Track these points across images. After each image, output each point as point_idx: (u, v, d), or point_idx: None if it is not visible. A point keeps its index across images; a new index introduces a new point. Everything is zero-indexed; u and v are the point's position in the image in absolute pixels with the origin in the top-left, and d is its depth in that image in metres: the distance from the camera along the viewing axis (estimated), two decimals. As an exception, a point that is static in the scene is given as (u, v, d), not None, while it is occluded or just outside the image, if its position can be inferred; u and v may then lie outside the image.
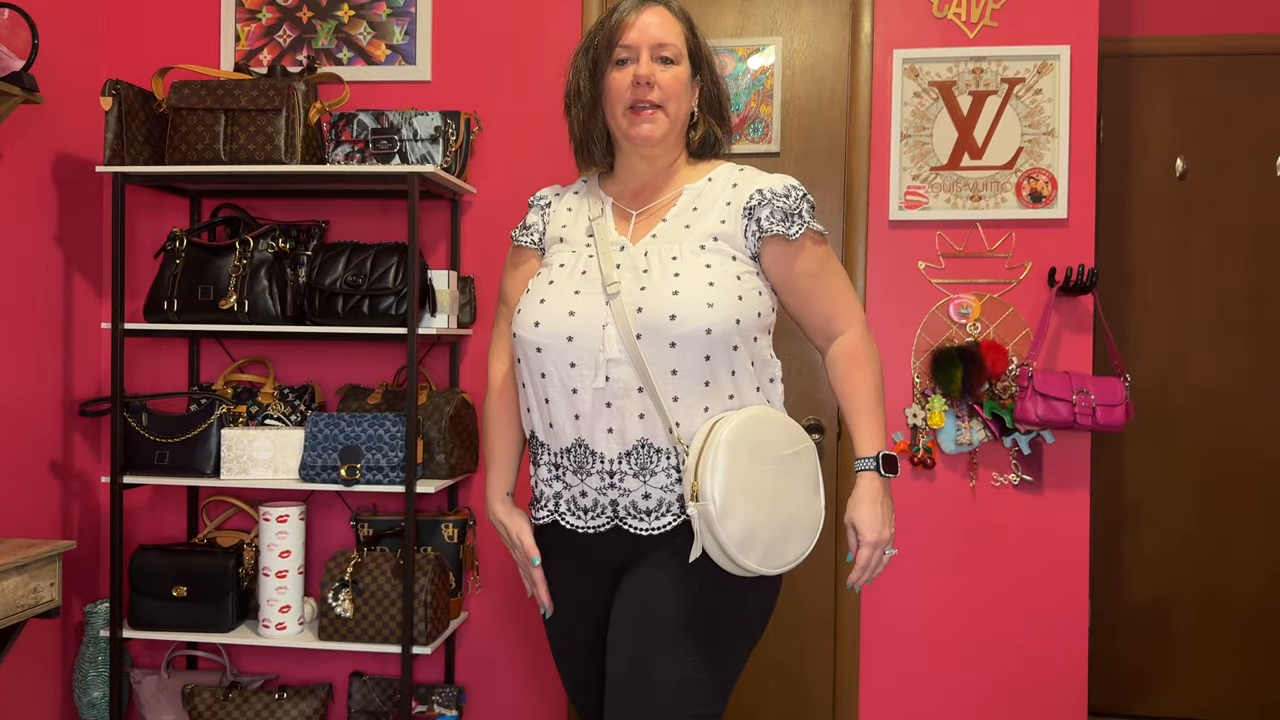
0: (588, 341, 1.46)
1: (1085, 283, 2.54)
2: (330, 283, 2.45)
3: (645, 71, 1.51)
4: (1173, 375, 3.15)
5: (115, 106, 2.41)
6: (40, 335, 2.61)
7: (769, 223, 1.52)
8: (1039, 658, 2.63)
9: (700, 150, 1.62)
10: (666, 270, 1.48)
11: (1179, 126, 3.13)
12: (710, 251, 1.51)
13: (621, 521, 1.51)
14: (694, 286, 1.45)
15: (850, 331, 1.59)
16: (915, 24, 2.64)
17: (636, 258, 1.51)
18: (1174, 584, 3.17)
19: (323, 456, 2.43)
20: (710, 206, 1.55)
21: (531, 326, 1.51)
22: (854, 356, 1.58)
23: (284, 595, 2.46)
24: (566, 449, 1.52)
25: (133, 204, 2.75)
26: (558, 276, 1.55)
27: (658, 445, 1.47)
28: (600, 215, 1.58)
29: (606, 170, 1.64)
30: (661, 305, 1.44)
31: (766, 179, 1.56)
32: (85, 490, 2.77)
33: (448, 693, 2.64)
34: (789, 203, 1.52)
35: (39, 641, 2.59)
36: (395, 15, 2.75)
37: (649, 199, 1.59)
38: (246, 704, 2.54)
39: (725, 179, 1.58)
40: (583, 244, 1.58)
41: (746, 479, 1.42)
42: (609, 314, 1.46)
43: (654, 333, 1.44)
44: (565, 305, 1.50)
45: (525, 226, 1.67)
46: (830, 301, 1.58)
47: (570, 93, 1.60)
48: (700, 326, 1.43)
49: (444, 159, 2.47)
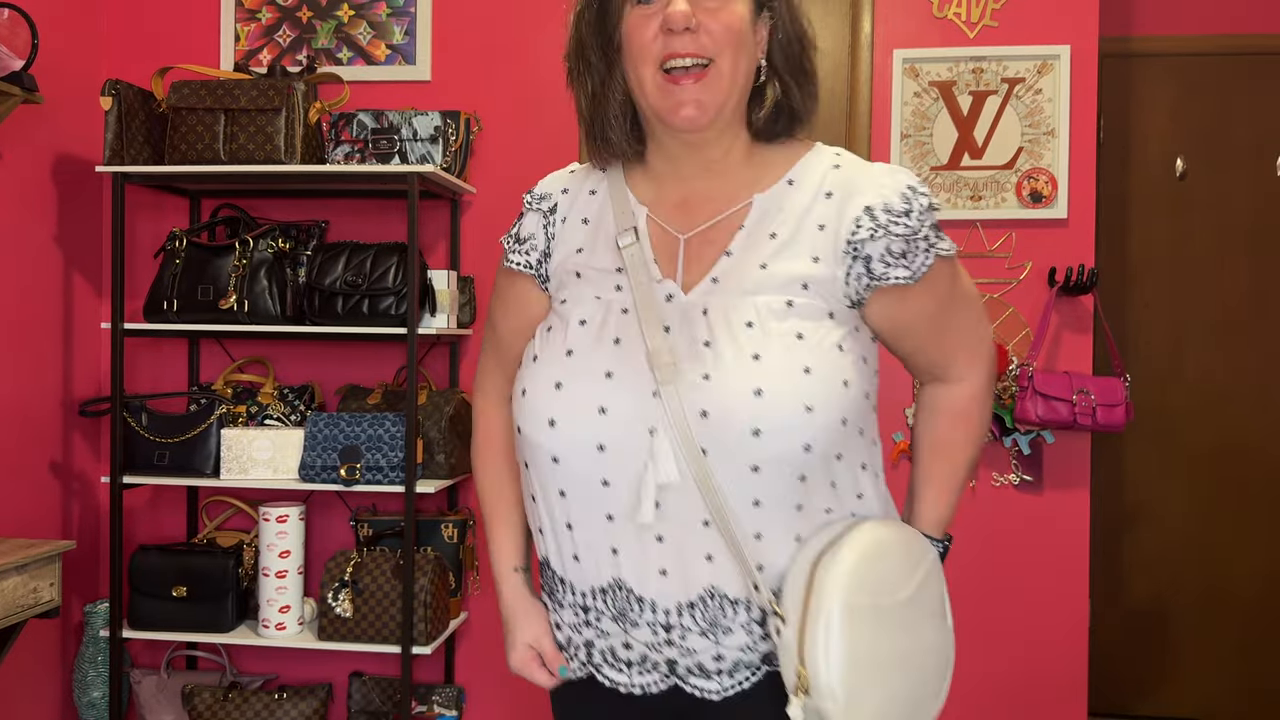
0: (628, 453, 1.01)
1: (1085, 283, 2.54)
2: (330, 283, 2.45)
3: (681, 9, 1.01)
4: (1173, 375, 3.15)
5: (115, 106, 2.41)
6: (40, 335, 2.61)
7: (883, 266, 1.04)
8: (1039, 658, 2.62)
9: (768, 128, 1.09)
10: (740, 346, 1.00)
11: (1179, 126, 3.13)
12: (799, 312, 1.02)
13: (683, 681, 1.08)
14: (785, 379, 0.99)
15: (969, 380, 1.16)
16: (915, 24, 2.64)
17: (692, 316, 1.03)
18: (1174, 584, 3.17)
19: (322, 456, 2.42)
20: (796, 231, 1.06)
21: (544, 426, 1.04)
22: (965, 415, 1.16)
23: (284, 595, 2.46)
24: (601, 589, 1.07)
25: (132, 204, 2.75)
26: (578, 343, 1.06)
27: (733, 595, 1.02)
28: (634, 243, 1.08)
29: (634, 160, 1.13)
30: (738, 410, 0.98)
31: (875, 185, 1.06)
32: (85, 490, 2.77)
33: (448, 693, 2.64)
34: (910, 224, 1.04)
35: (39, 641, 2.59)
36: (395, 15, 2.75)
37: (701, 212, 1.09)
38: (246, 704, 2.54)
39: (813, 181, 1.08)
40: (609, 284, 1.08)
41: (873, 651, 0.99)
42: (659, 413, 1.00)
43: (728, 450, 0.98)
44: (593, 396, 1.02)
45: (519, 239, 1.18)
46: (952, 344, 1.14)
47: (571, 50, 1.11)
48: (796, 443, 0.98)
49: (444, 159, 2.47)
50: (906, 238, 1.04)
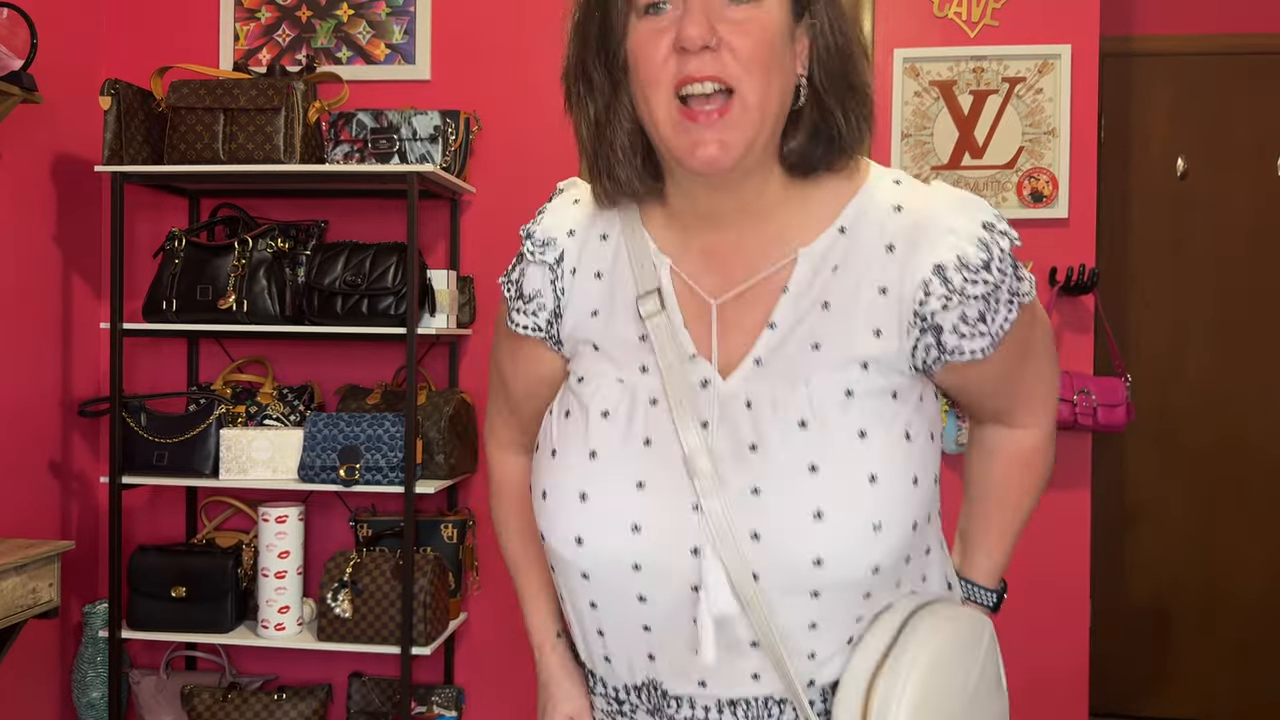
0: (668, 572, 0.88)
1: (1086, 282, 2.54)
2: (329, 282, 2.45)
3: (697, 29, 0.81)
4: (1174, 375, 3.15)
5: (114, 106, 2.41)
6: (39, 335, 2.60)
7: (957, 338, 0.89)
8: (1040, 658, 2.62)
9: (803, 161, 0.88)
10: (794, 454, 0.85)
11: (1180, 126, 3.13)
12: (860, 402, 0.87)
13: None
14: (848, 496, 0.85)
15: (1034, 430, 1.03)
16: (916, 23, 2.64)
17: (733, 410, 0.88)
18: (1175, 584, 3.17)
19: (322, 457, 2.42)
20: (853, 298, 0.88)
21: (570, 542, 0.91)
22: (1028, 462, 1.04)
23: (283, 596, 2.45)
24: (635, 686, 0.96)
25: (131, 204, 2.75)
26: (603, 443, 0.90)
27: (779, 697, 0.91)
28: (659, 311, 0.90)
29: (650, 198, 0.94)
30: (796, 536, 0.84)
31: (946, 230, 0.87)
32: (84, 490, 2.76)
33: (447, 693, 2.64)
34: (990, 279, 0.87)
35: (38, 642, 2.59)
36: (394, 14, 2.74)
37: (735, 267, 0.91)
38: (245, 705, 2.54)
39: (871, 230, 0.89)
40: (633, 362, 0.92)
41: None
42: (702, 530, 0.86)
43: (784, 578, 0.86)
44: (624, 511, 0.88)
45: (522, 295, 0.98)
46: (1023, 394, 1.00)
47: (569, 70, 0.91)
48: (863, 568, 0.86)
49: (443, 158, 2.46)
50: (985, 296, 0.87)
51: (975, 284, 0.87)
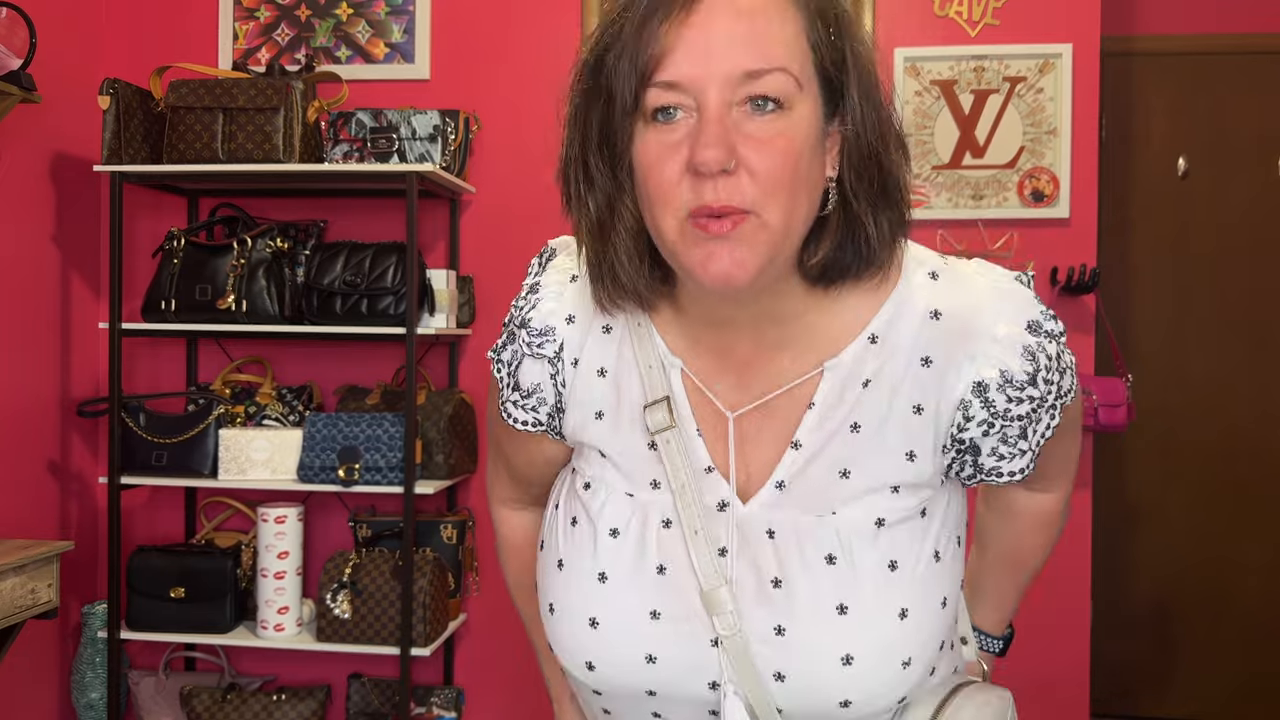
0: (684, 699, 0.83)
1: (1087, 282, 2.53)
2: (329, 282, 2.44)
3: (714, 154, 0.71)
4: (1174, 375, 3.14)
5: (113, 105, 2.40)
6: (37, 335, 2.60)
7: (995, 460, 0.83)
8: (1041, 658, 2.61)
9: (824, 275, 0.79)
10: (821, 592, 0.79)
11: (1181, 125, 3.12)
12: (890, 531, 0.81)
13: None
14: (878, 638, 0.79)
15: (1054, 494, 1.00)
16: (916, 22, 2.63)
17: (754, 539, 0.81)
18: (1176, 584, 3.16)
19: (321, 457, 2.41)
20: (885, 419, 0.81)
21: (582, 666, 0.85)
22: (1047, 524, 1.02)
23: (282, 596, 2.45)
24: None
25: (130, 203, 2.74)
26: (612, 565, 0.84)
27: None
28: (669, 426, 0.83)
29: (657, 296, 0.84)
30: (823, 680, 0.79)
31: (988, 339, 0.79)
32: (83, 491, 2.76)
33: (446, 694, 2.63)
34: (1035, 395, 0.80)
35: (36, 643, 2.58)
36: (394, 13, 2.74)
37: (753, 375, 0.83)
38: (245, 705, 2.53)
39: (905, 341, 0.81)
40: (643, 475, 0.85)
41: None
42: (721, 665, 0.80)
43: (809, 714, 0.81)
44: (638, 642, 0.82)
45: (519, 389, 0.90)
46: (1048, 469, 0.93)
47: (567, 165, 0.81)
48: (891, 701, 0.81)
49: (443, 158, 2.46)
50: (1029, 415, 0.80)
51: (1020, 403, 0.80)
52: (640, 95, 0.73)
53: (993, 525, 1.03)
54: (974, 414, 0.80)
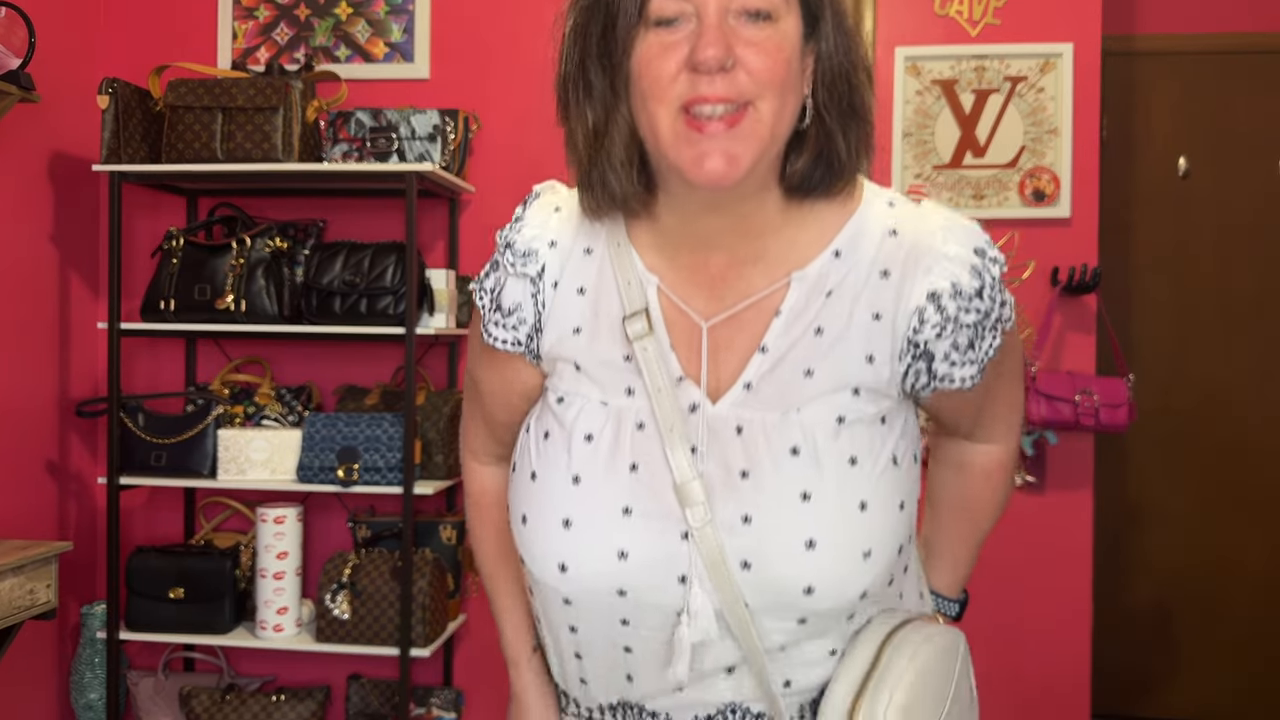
0: (654, 597, 0.87)
1: (1088, 282, 2.53)
2: (328, 282, 2.44)
3: (714, 51, 0.78)
4: (1176, 375, 3.14)
5: (112, 105, 2.40)
6: (36, 335, 2.59)
7: (947, 366, 0.89)
8: (1042, 659, 2.61)
9: (804, 183, 0.87)
10: (786, 481, 0.84)
11: (1182, 125, 3.12)
12: (851, 429, 0.86)
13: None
14: (840, 525, 0.85)
15: (1001, 445, 1.04)
16: (917, 21, 2.63)
17: (724, 436, 0.86)
18: (1177, 585, 3.16)
19: (320, 457, 2.41)
20: (847, 324, 0.87)
21: (553, 569, 0.89)
22: (993, 476, 1.05)
23: (281, 597, 2.44)
24: (610, 705, 0.95)
25: (129, 203, 2.74)
26: (586, 467, 0.88)
27: (756, 709, 0.91)
28: (646, 334, 0.88)
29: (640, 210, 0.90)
30: (788, 566, 0.84)
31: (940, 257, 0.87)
32: (81, 491, 2.75)
33: (446, 695, 2.63)
34: (982, 306, 0.88)
35: (35, 643, 2.58)
36: (393, 13, 2.73)
37: (726, 288, 0.89)
38: (244, 706, 2.53)
39: (866, 255, 0.88)
40: (618, 383, 0.89)
41: None
42: (690, 558, 0.85)
43: (773, 607, 0.85)
44: (610, 539, 0.86)
45: (501, 309, 0.94)
46: (992, 414, 1.00)
47: (566, 76, 0.87)
48: (852, 594, 0.86)
49: (442, 158, 2.45)
50: (976, 325, 0.88)
51: (968, 312, 0.87)
52: (644, 6, 0.81)
53: (943, 481, 1.07)
54: (928, 318, 0.87)
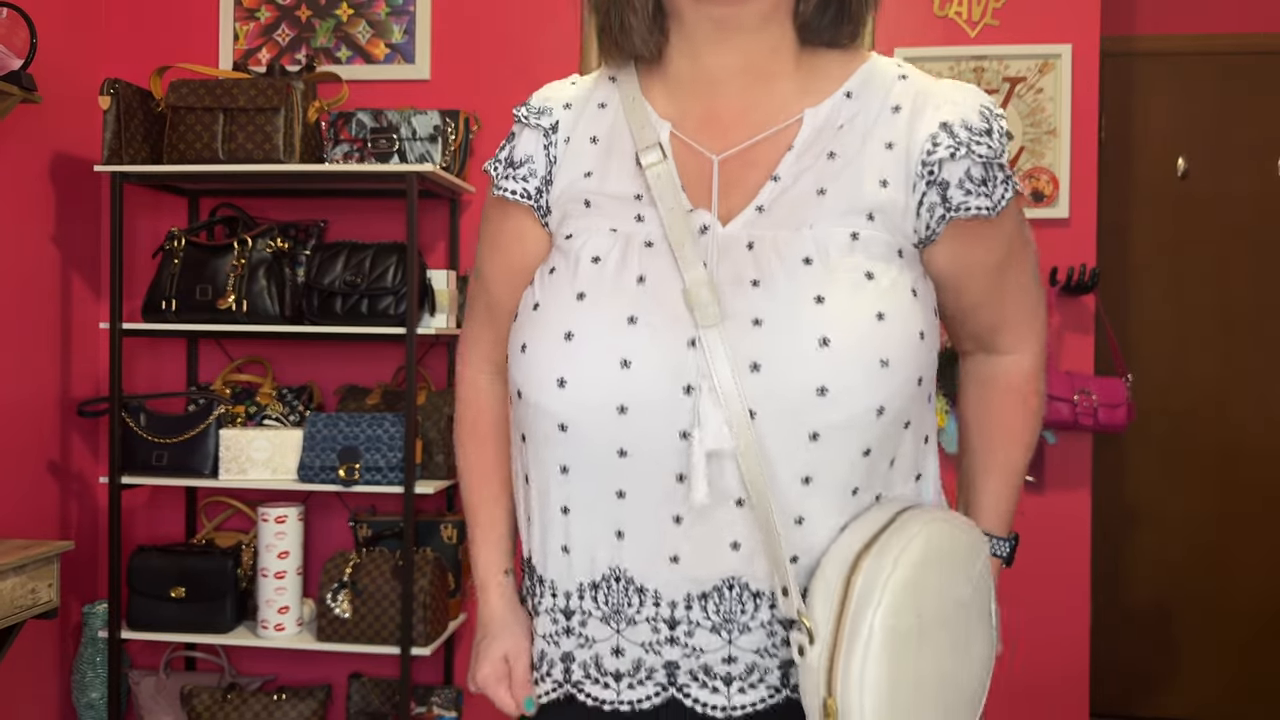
0: (657, 416, 0.82)
1: (1087, 282, 2.53)
2: (329, 282, 2.45)
3: None
4: (1175, 375, 3.14)
5: (114, 106, 2.40)
6: (38, 335, 2.60)
7: (962, 194, 0.86)
8: (1041, 658, 2.62)
9: (817, 25, 0.89)
10: (800, 286, 0.81)
11: (1181, 126, 3.12)
12: (867, 246, 0.84)
13: (682, 692, 0.88)
14: (855, 326, 0.81)
15: (1025, 354, 0.98)
16: (916, 22, 2.63)
17: (735, 253, 0.84)
18: (1176, 585, 3.16)
19: (321, 457, 2.42)
20: (860, 149, 0.87)
21: (551, 386, 0.85)
22: (1025, 393, 0.99)
23: (282, 596, 2.45)
24: (591, 584, 0.89)
25: (131, 203, 2.74)
26: (591, 284, 0.86)
27: (755, 588, 0.85)
28: (659, 161, 0.87)
29: (652, 61, 0.93)
30: (800, 363, 0.80)
31: (950, 98, 0.88)
32: (83, 490, 2.76)
33: (447, 694, 2.63)
34: (992, 145, 0.87)
35: (37, 642, 2.59)
36: (394, 14, 2.74)
37: (738, 129, 0.89)
38: (245, 705, 2.54)
39: (877, 94, 0.89)
40: (628, 213, 0.88)
41: (917, 682, 0.81)
42: (697, 366, 0.81)
43: (784, 414, 0.80)
44: (613, 347, 0.83)
45: (512, 163, 0.95)
46: (1013, 304, 0.96)
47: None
48: (869, 405, 0.81)
49: (443, 158, 2.46)
50: (987, 161, 0.87)
51: (979, 145, 0.86)
52: None
53: (972, 405, 1.02)
54: (940, 141, 0.86)
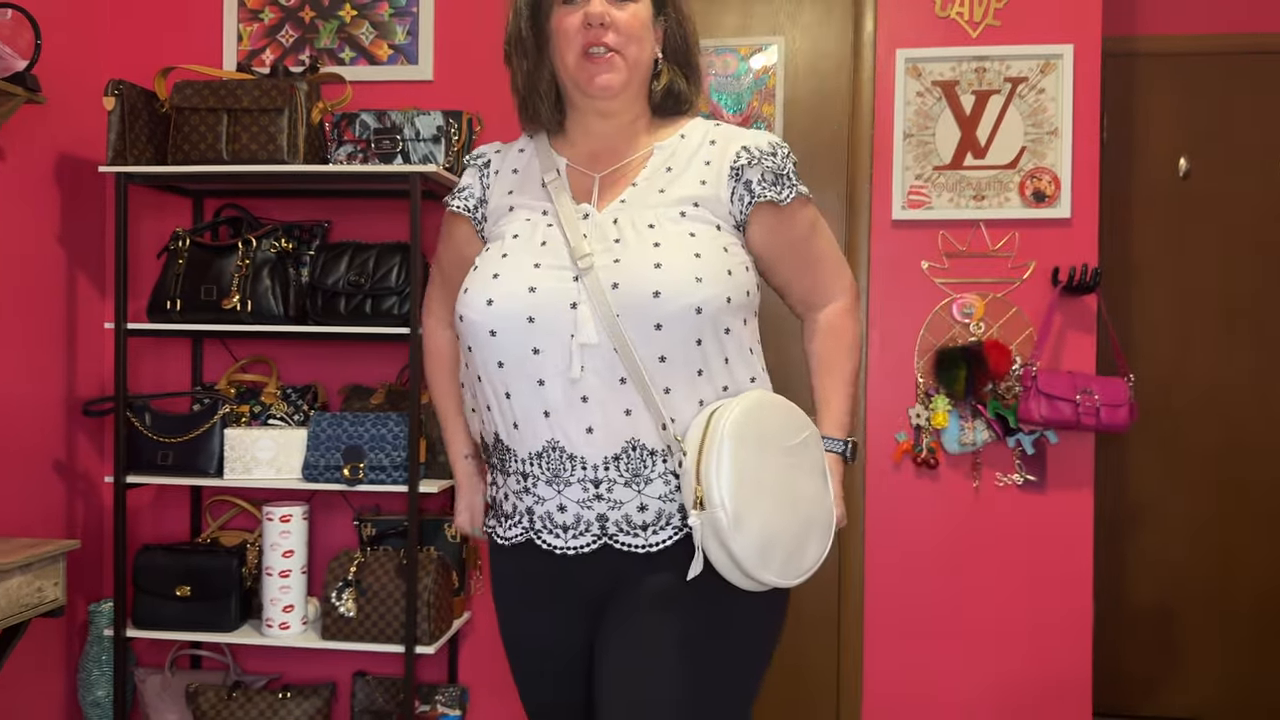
0: (554, 323, 1.24)
1: (1089, 282, 2.54)
2: (333, 282, 2.45)
3: (598, 10, 1.29)
4: (1177, 375, 3.15)
5: (118, 107, 2.41)
6: (43, 335, 2.61)
7: (760, 187, 1.33)
8: (1043, 658, 2.62)
9: (664, 105, 1.39)
10: (644, 240, 1.26)
11: (1183, 126, 3.12)
12: (692, 219, 1.30)
13: (612, 540, 1.28)
14: (678, 258, 1.25)
15: (837, 301, 1.44)
16: (918, 23, 2.64)
17: (605, 227, 1.29)
18: (1178, 584, 3.17)
19: (326, 456, 2.43)
20: (687, 166, 1.35)
21: (483, 306, 1.28)
22: (838, 329, 1.43)
23: (287, 595, 2.46)
24: (537, 453, 1.28)
25: (135, 204, 2.76)
26: (513, 248, 1.31)
27: (650, 446, 1.25)
28: (556, 179, 1.36)
29: (556, 129, 1.42)
30: (642, 280, 1.23)
31: (750, 135, 1.37)
32: (89, 490, 2.77)
33: (451, 692, 2.64)
34: (777, 162, 1.35)
35: (43, 641, 2.60)
36: (397, 15, 2.75)
37: (611, 161, 1.37)
38: (250, 703, 2.55)
39: (700, 135, 1.38)
40: (537, 209, 1.35)
41: (758, 477, 1.21)
42: (580, 291, 1.24)
43: (635, 312, 1.22)
44: (524, 280, 1.27)
45: (459, 190, 1.46)
46: (819, 269, 1.42)
47: (510, 39, 1.39)
48: (689, 304, 1.22)
49: (446, 159, 2.47)
50: (775, 171, 1.35)
51: (769, 160, 1.35)
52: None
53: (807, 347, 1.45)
54: (742, 156, 1.35)
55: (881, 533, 2.67)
